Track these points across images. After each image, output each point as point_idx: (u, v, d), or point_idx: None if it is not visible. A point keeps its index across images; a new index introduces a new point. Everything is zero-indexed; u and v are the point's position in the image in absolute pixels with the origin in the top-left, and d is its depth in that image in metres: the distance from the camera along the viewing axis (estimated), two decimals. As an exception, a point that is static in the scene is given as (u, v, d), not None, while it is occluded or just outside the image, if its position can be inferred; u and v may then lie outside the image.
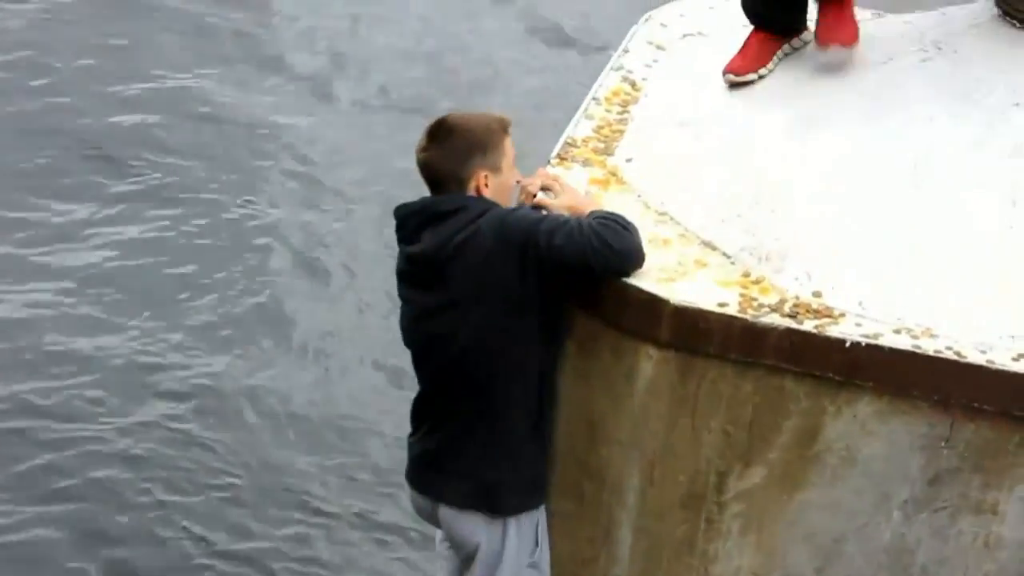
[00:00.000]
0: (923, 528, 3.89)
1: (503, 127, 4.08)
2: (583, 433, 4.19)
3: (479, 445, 4.13)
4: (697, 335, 3.90)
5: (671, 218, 4.18)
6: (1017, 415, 3.72)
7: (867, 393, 3.81)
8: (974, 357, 3.73)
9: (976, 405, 3.75)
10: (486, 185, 4.03)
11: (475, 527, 4.16)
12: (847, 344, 3.77)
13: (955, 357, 3.73)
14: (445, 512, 4.22)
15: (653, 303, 3.90)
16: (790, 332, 3.81)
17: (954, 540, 3.88)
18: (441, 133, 4.11)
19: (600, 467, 4.19)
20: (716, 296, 3.89)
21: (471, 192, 3.98)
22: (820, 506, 3.95)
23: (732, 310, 3.85)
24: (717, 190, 4.24)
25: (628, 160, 4.46)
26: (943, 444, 3.79)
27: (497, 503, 4.14)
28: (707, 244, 4.10)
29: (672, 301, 3.88)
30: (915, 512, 3.88)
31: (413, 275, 4.14)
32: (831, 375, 3.83)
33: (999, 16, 4.49)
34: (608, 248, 3.88)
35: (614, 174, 4.41)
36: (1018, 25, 4.42)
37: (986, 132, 4.21)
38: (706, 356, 3.92)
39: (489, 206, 3.97)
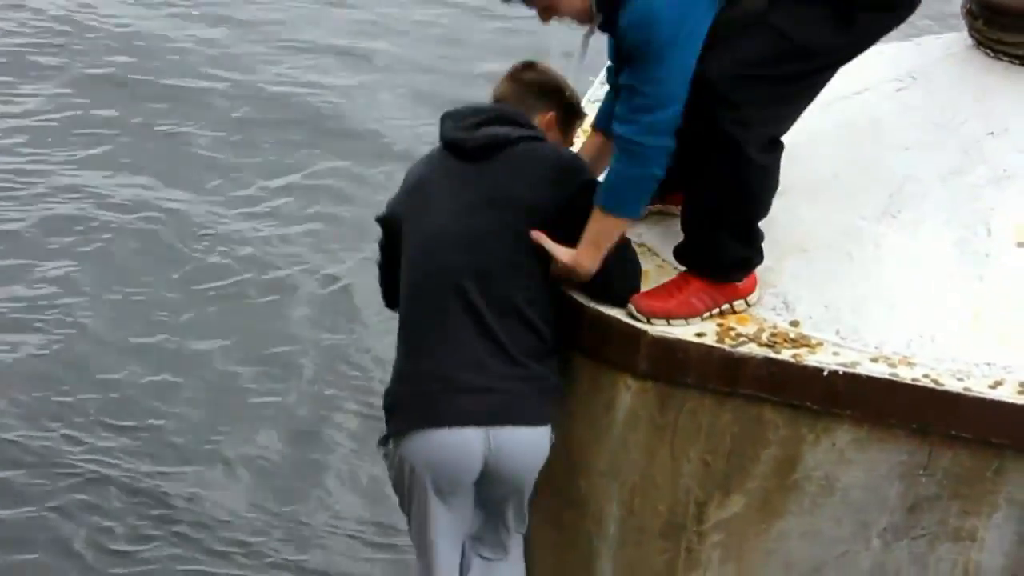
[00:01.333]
0: (903, 555, 3.90)
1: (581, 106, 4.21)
2: (563, 463, 4.15)
3: (507, 356, 3.95)
4: (675, 366, 3.90)
5: (649, 249, 4.18)
6: (994, 442, 3.72)
7: (845, 422, 3.81)
8: (951, 385, 3.74)
9: (954, 433, 3.75)
10: (554, 125, 4.06)
11: (534, 440, 3.99)
12: (825, 373, 3.78)
13: (932, 385, 3.74)
14: (496, 435, 3.95)
15: (631, 334, 3.91)
16: (768, 362, 3.82)
17: (933, 567, 3.90)
18: (533, 70, 4.14)
19: (580, 497, 4.18)
20: (694, 327, 3.90)
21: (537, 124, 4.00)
22: (799, 535, 3.95)
23: (710, 340, 3.86)
24: None
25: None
26: (921, 472, 3.80)
27: (555, 411, 4.01)
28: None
29: (650, 332, 3.89)
30: (894, 539, 3.89)
31: (449, 171, 4.06)
32: (809, 404, 3.83)
33: (973, 46, 4.49)
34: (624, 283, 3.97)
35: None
36: (991, 55, 4.40)
37: (961, 161, 4.20)
38: (685, 386, 3.92)
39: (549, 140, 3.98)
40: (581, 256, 3.85)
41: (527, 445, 3.98)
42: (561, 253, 3.83)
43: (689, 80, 3.74)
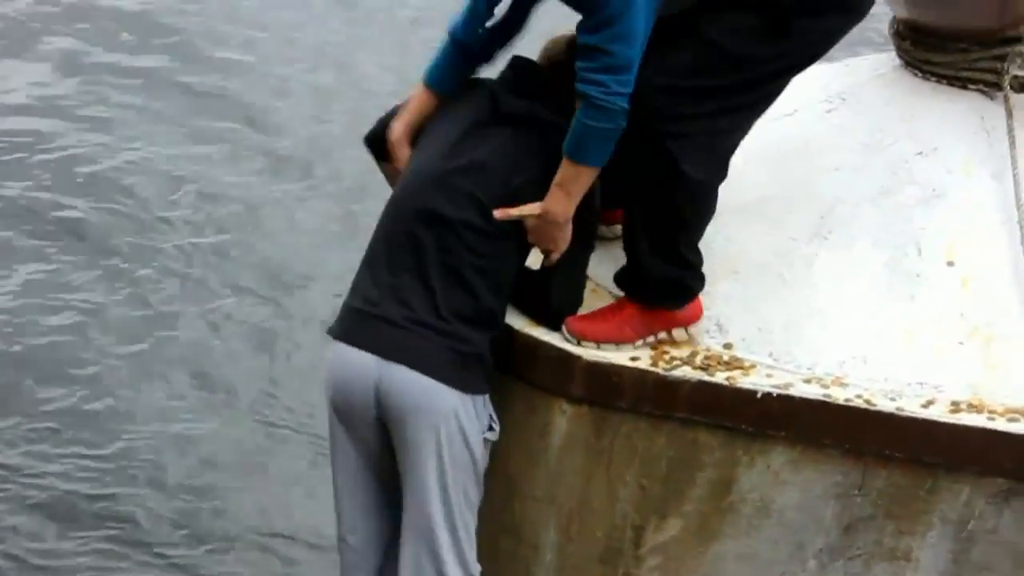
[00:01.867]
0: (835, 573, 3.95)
1: None
2: (500, 489, 4.14)
3: (433, 307, 3.89)
4: (610, 390, 3.91)
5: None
6: (928, 461, 3.76)
7: (780, 443, 3.83)
8: (884, 405, 3.77)
9: (888, 452, 3.79)
10: None
11: (425, 389, 3.87)
12: (758, 395, 3.80)
13: (865, 405, 3.77)
14: (388, 369, 3.89)
15: (566, 359, 3.91)
16: (702, 385, 3.83)
17: None
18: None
19: (517, 523, 4.17)
20: (628, 351, 3.91)
21: None
22: (736, 557, 3.96)
23: (644, 364, 3.87)
24: None
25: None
26: (856, 492, 3.83)
27: (473, 381, 3.91)
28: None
29: (584, 357, 3.89)
30: (830, 560, 3.91)
31: (473, 114, 4.04)
32: (744, 426, 3.84)
33: (901, 66, 4.55)
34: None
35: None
36: (919, 75, 4.45)
37: (891, 181, 4.23)
38: (620, 410, 3.92)
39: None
40: (550, 201, 3.82)
41: (416, 392, 3.88)
42: (531, 207, 3.81)
43: (647, 37, 3.75)
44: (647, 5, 3.70)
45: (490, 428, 3.96)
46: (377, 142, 4.20)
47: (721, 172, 3.99)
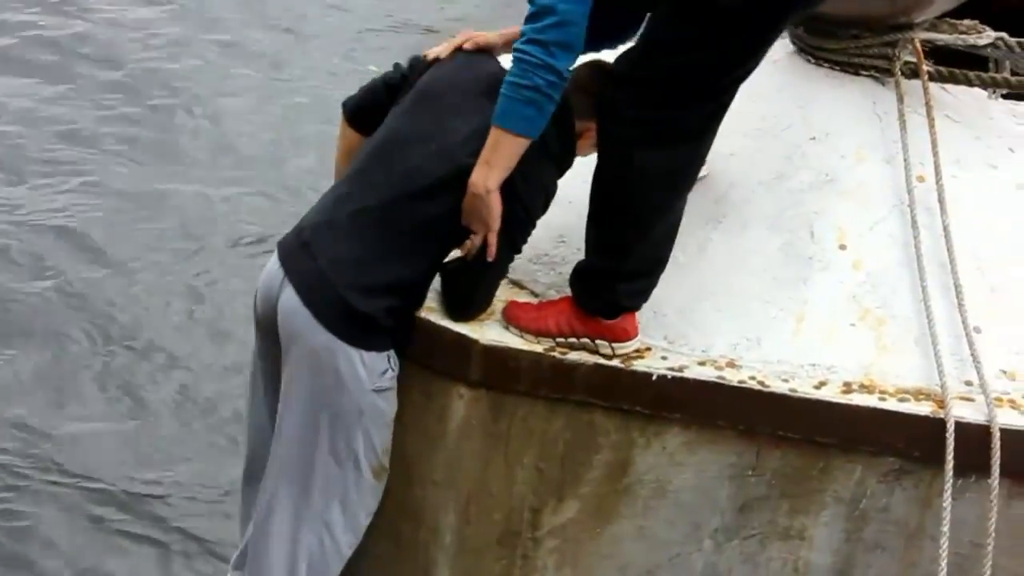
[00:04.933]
0: (734, 556, 3.95)
1: None
2: (399, 474, 4.13)
3: (385, 267, 3.87)
4: (507, 374, 3.91)
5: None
6: (821, 442, 3.79)
7: (675, 425, 3.84)
8: (777, 386, 3.80)
9: (781, 433, 3.80)
10: (589, 139, 3.94)
11: (316, 331, 3.86)
12: (653, 377, 3.81)
13: (759, 387, 3.80)
14: (289, 296, 3.89)
15: (463, 343, 3.92)
16: (598, 368, 3.84)
17: (764, 567, 3.95)
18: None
19: (416, 507, 4.18)
20: (547, 343, 3.93)
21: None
22: (633, 538, 3.97)
23: (540, 348, 3.88)
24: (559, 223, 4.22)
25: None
26: (750, 472, 3.85)
27: (364, 337, 3.86)
28: (516, 283, 4.13)
29: (481, 341, 3.90)
30: (726, 540, 3.93)
31: (474, 86, 3.98)
32: (639, 408, 3.85)
33: (795, 53, 4.61)
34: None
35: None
36: (813, 62, 4.53)
37: (785, 166, 4.28)
38: (517, 394, 3.92)
39: None
40: (475, 175, 3.75)
41: (297, 318, 3.86)
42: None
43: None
44: None
45: (379, 388, 3.90)
46: (359, 112, 4.14)
47: (679, 166, 3.87)
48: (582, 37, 3.67)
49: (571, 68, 3.72)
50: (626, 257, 3.85)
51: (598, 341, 3.89)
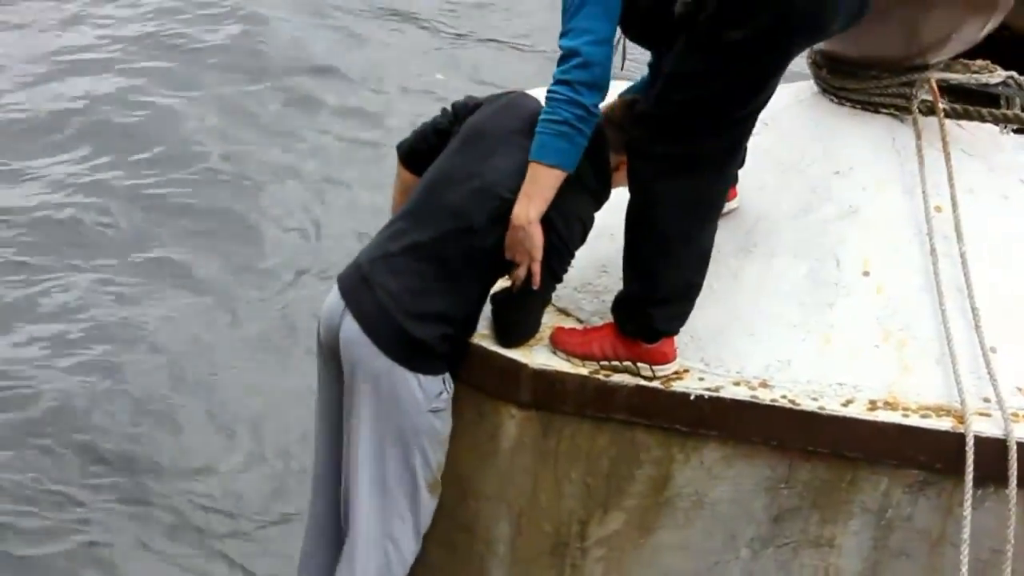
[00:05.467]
0: (769, 563, 3.99)
1: None
2: (453, 488, 4.20)
3: (415, 287, 3.99)
4: (555, 395, 3.98)
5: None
6: (848, 456, 3.84)
7: (712, 441, 3.90)
8: (807, 404, 3.85)
9: (811, 448, 3.86)
10: (622, 170, 4.02)
11: (376, 356, 4.00)
12: (692, 398, 3.88)
13: (790, 405, 3.84)
14: (350, 324, 4.04)
15: (513, 366, 4.00)
16: (639, 389, 3.92)
17: (797, 573, 3.99)
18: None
19: (470, 520, 4.24)
20: (592, 367, 3.99)
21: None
22: (673, 547, 4.02)
23: (586, 371, 3.96)
24: (590, 255, 4.24)
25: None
26: (783, 485, 3.90)
27: (420, 362, 4.00)
28: (562, 311, 4.20)
29: (531, 364, 3.98)
30: (761, 549, 3.98)
31: (512, 133, 4.06)
32: (678, 426, 3.91)
33: (819, 93, 4.65)
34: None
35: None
36: (836, 101, 4.56)
37: (810, 198, 4.31)
38: (564, 413, 3.99)
39: None
40: (516, 208, 3.86)
41: (358, 345, 3.98)
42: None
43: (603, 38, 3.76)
44: (594, 7, 3.76)
45: (434, 409, 4.01)
46: (411, 154, 4.26)
47: (688, 200, 3.91)
48: (607, 75, 3.79)
49: (599, 104, 3.82)
50: (657, 284, 3.92)
51: (639, 364, 3.96)
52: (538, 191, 3.85)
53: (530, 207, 3.85)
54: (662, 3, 3.80)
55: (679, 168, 3.84)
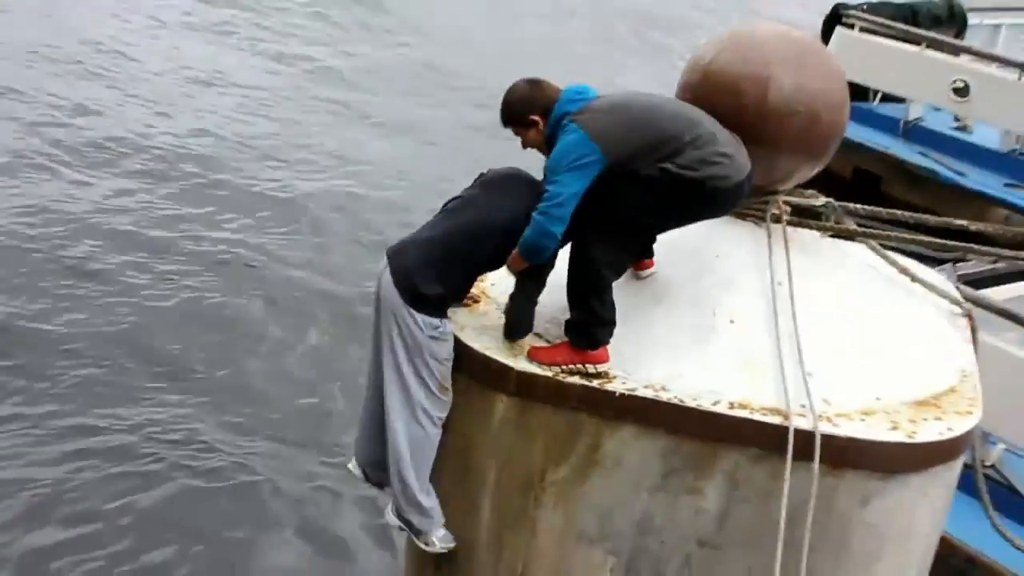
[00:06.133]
0: (660, 504, 4.18)
1: None
2: (460, 446, 4.38)
3: (431, 255, 4.22)
4: (530, 389, 4.19)
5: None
6: (715, 436, 4.06)
7: (628, 423, 4.11)
8: (690, 403, 4.08)
9: (691, 431, 4.08)
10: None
11: (405, 307, 4.19)
12: (616, 394, 4.10)
13: (679, 402, 4.08)
14: (385, 276, 4.24)
15: (505, 368, 4.22)
16: (583, 387, 4.14)
17: (677, 509, 4.17)
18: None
19: (470, 467, 4.39)
20: (555, 370, 4.20)
21: None
22: (599, 489, 4.20)
23: (551, 373, 4.17)
24: (543, 300, 4.35)
25: (492, 284, 4.67)
26: (672, 454, 4.11)
27: (423, 306, 4.18)
28: (537, 335, 4.38)
29: (516, 368, 4.20)
30: (655, 493, 4.17)
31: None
32: (607, 412, 4.12)
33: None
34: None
35: (484, 293, 4.63)
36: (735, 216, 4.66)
37: (700, 271, 4.51)
38: (535, 401, 4.19)
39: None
40: (509, 260, 4.17)
41: (387, 289, 4.19)
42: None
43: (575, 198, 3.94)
44: (570, 169, 3.98)
45: (433, 336, 4.19)
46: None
47: (612, 263, 4.14)
48: (570, 211, 4.00)
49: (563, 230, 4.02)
50: (593, 311, 4.17)
51: (586, 364, 4.17)
52: (518, 264, 4.19)
53: (512, 263, 4.18)
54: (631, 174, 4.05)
55: (608, 245, 4.13)
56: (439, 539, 4.46)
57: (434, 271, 4.20)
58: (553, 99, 4.23)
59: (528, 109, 4.26)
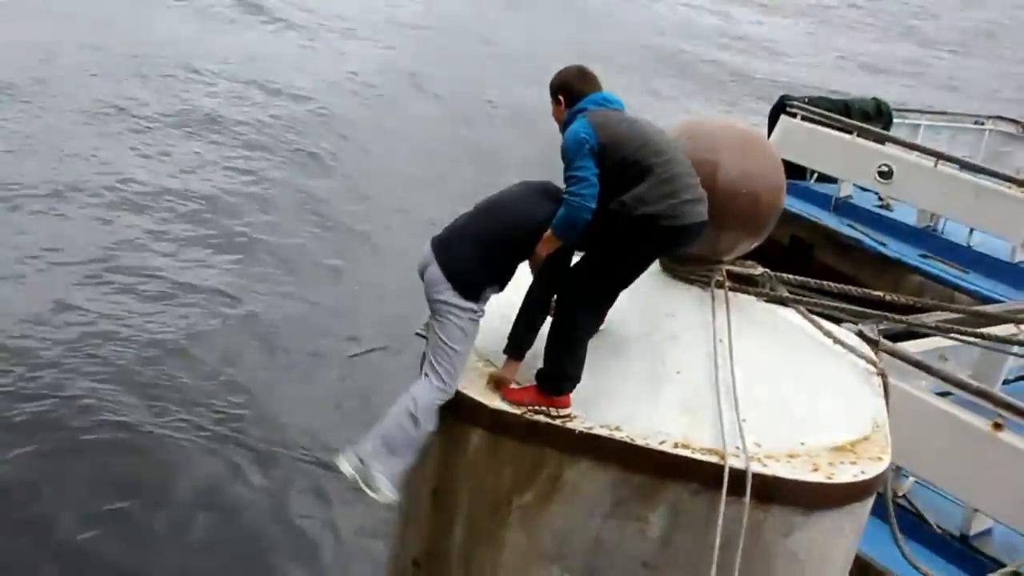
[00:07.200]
0: (610, 528, 4.17)
1: None
2: (440, 471, 4.38)
3: (471, 244, 4.21)
4: (502, 425, 4.19)
5: (492, 363, 4.43)
6: (660, 472, 4.06)
7: (586, 457, 4.12)
8: (639, 442, 4.08)
9: (638, 465, 4.08)
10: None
11: (442, 282, 4.21)
12: (576, 432, 4.12)
13: (629, 441, 4.09)
14: (431, 264, 4.25)
15: (480, 406, 4.23)
16: (548, 425, 4.16)
17: (625, 535, 4.17)
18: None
19: (447, 489, 4.38)
20: (514, 406, 4.21)
21: None
22: (559, 515, 4.19)
23: (519, 411, 4.18)
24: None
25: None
26: (623, 485, 4.07)
27: (462, 289, 4.19)
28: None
29: (490, 405, 4.21)
30: (606, 519, 4.17)
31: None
32: (569, 447, 4.14)
33: (661, 271, 4.77)
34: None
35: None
36: (670, 276, 4.74)
37: (651, 329, 4.51)
38: (507, 435, 4.20)
39: None
40: (540, 244, 4.11)
41: (434, 276, 4.21)
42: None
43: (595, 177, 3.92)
44: (584, 156, 3.98)
45: (471, 319, 4.20)
46: None
47: (585, 319, 4.14)
48: (596, 190, 3.97)
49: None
50: (564, 368, 4.17)
51: (550, 408, 4.18)
52: (551, 244, 4.13)
53: (545, 249, 4.14)
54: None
55: (584, 308, 4.15)
56: (385, 487, 4.31)
57: (473, 262, 4.20)
58: (583, 94, 4.26)
59: (558, 88, 4.31)
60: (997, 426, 5.76)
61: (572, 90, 4.27)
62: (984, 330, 6.01)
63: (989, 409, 5.89)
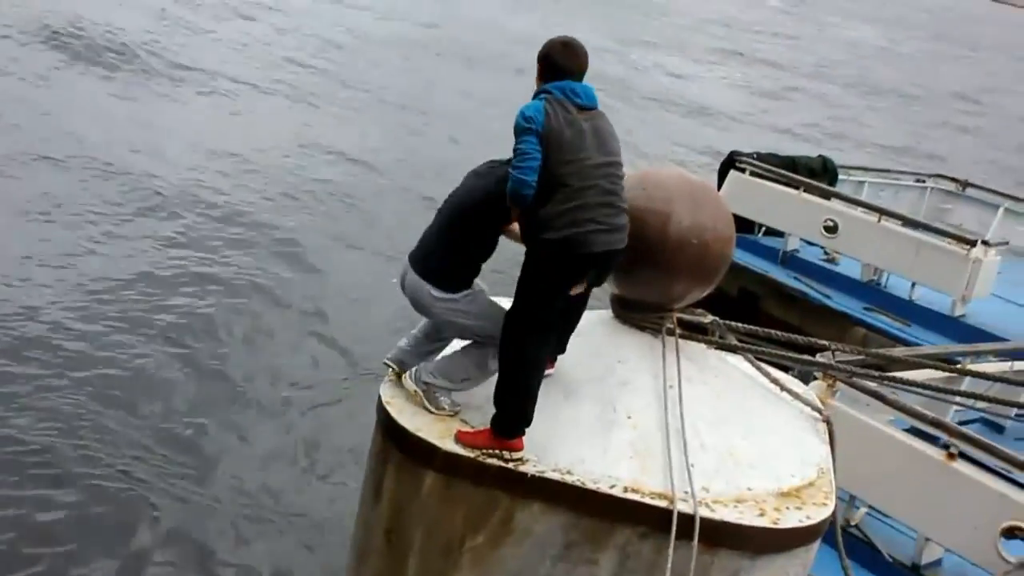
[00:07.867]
0: (561, 571, 4.14)
1: None
2: (393, 512, 4.36)
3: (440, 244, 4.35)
4: (455, 467, 4.18)
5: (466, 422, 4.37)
6: (610, 515, 4.04)
7: (538, 500, 4.10)
8: (590, 486, 4.07)
9: (589, 509, 4.06)
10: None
11: (426, 286, 4.34)
12: (528, 475, 4.11)
13: (580, 484, 4.08)
14: (409, 273, 4.39)
15: (433, 448, 4.21)
16: (500, 468, 4.14)
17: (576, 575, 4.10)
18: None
19: (400, 530, 4.35)
20: (468, 449, 4.19)
21: None
22: (510, 556, 4.18)
23: (472, 454, 4.16)
24: (477, 391, 4.41)
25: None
26: (573, 529, 4.10)
27: (437, 281, 4.31)
28: (464, 421, 4.39)
29: (443, 448, 4.19)
30: (557, 562, 4.15)
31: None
32: (519, 490, 4.12)
33: (613, 318, 4.81)
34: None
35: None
36: (621, 322, 4.74)
37: (603, 374, 4.48)
38: (459, 477, 4.17)
39: None
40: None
41: (414, 283, 4.37)
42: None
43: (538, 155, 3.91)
44: (530, 133, 3.95)
45: (467, 303, 4.32)
46: None
47: (531, 351, 4.07)
48: (538, 162, 3.94)
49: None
50: (517, 412, 4.14)
51: (503, 451, 4.16)
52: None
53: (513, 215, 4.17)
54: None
55: (521, 344, 4.10)
56: (448, 404, 4.46)
57: (438, 254, 4.32)
58: (560, 69, 4.16)
59: (540, 57, 4.21)
60: (951, 456, 5.74)
61: (550, 62, 4.15)
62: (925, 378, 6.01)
63: (942, 441, 5.89)
